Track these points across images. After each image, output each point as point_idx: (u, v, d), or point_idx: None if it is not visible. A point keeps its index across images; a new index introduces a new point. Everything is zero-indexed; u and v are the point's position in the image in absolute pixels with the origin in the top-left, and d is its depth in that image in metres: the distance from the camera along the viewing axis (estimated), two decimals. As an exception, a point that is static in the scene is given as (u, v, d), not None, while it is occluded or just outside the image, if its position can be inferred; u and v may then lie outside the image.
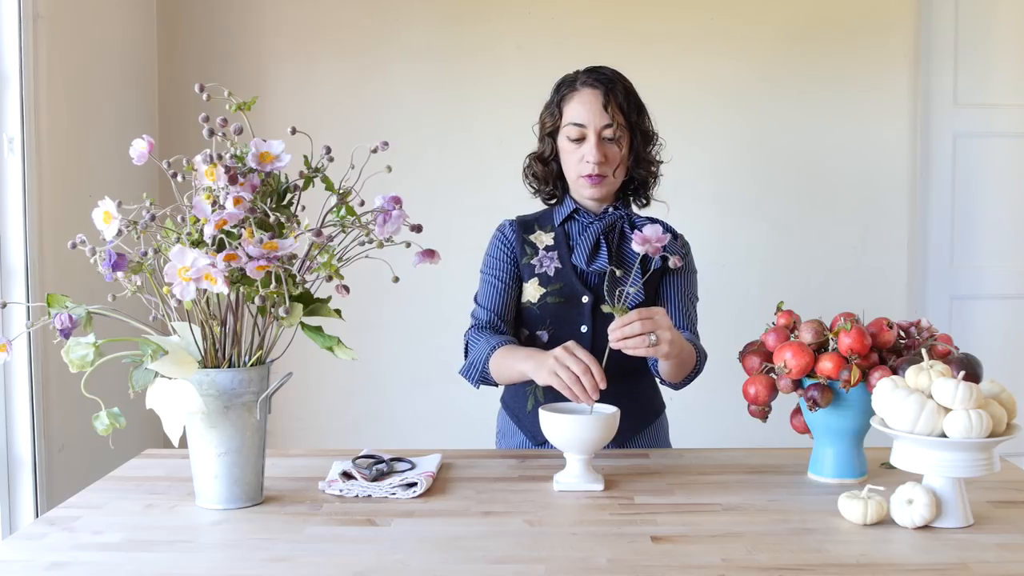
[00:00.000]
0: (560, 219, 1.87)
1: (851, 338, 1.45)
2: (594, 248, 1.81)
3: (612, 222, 1.84)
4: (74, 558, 1.21)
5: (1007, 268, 3.27)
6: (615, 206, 1.86)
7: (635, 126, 1.81)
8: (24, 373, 2.34)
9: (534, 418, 1.83)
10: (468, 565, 1.18)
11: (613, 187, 1.83)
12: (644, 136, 1.84)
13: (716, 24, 3.21)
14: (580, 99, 1.79)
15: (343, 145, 1.36)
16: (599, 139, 1.78)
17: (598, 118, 1.77)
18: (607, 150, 1.79)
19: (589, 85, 1.80)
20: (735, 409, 1.76)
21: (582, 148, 1.79)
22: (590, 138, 1.78)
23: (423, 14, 3.20)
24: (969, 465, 1.28)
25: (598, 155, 1.77)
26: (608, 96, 1.78)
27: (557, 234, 1.86)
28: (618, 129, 1.78)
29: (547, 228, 1.88)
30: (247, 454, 1.39)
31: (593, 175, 1.78)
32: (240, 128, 1.33)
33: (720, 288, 3.07)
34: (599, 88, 1.79)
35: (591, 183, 1.79)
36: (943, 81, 3.21)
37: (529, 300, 1.83)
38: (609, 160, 1.79)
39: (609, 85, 1.79)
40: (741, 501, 1.43)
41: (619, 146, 1.80)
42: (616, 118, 1.78)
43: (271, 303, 1.32)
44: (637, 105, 1.82)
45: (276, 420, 3.11)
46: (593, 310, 1.80)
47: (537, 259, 1.84)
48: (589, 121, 1.78)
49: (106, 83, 2.80)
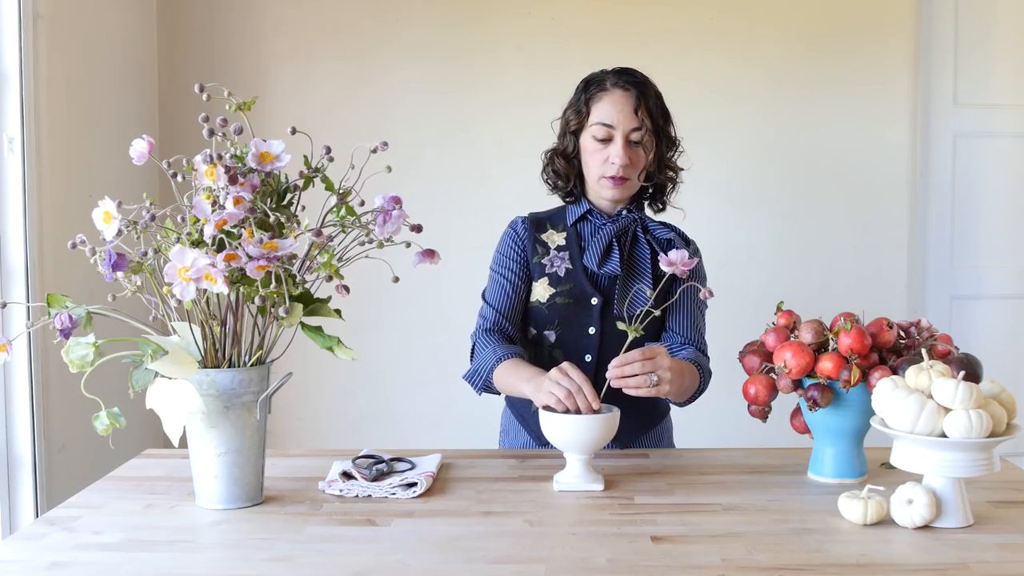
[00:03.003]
0: (573, 219, 1.86)
1: (851, 338, 1.45)
2: (606, 250, 1.80)
3: (625, 225, 1.83)
4: (74, 558, 1.21)
5: (1007, 268, 3.27)
6: (629, 209, 1.85)
7: (661, 131, 1.81)
8: (24, 373, 2.33)
9: (538, 418, 1.83)
10: (468, 565, 1.18)
11: (633, 190, 1.82)
12: (669, 142, 1.84)
13: (716, 24, 3.21)
14: (611, 100, 1.78)
15: (343, 145, 1.36)
16: (626, 141, 1.77)
17: (628, 120, 1.77)
18: (633, 153, 1.78)
19: (621, 87, 1.79)
20: (735, 409, 1.76)
21: (608, 149, 1.78)
22: (617, 140, 1.77)
23: (423, 14, 3.20)
24: (969, 465, 1.28)
25: (624, 157, 1.76)
26: (640, 100, 1.77)
27: (569, 234, 1.85)
28: (646, 133, 1.78)
29: (559, 227, 1.87)
30: (247, 454, 1.39)
31: (616, 176, 1.77)
32: (240, 128, 1.33)
33: (720, 288, 3.06)
34: (632, 91, 1.78)
35: (613, 184, 1.78)
36: (943, 81, 3.20)
37: (538, 299, 1.83)
38: (634, 163, 1.78)
39: (641, 88, 1.79)
40: (741, 501, 1.43)
41: (644, 150, 1.79)
42: (645, 122, 1.77)
43: (271, 303, 1.32)
44: (664, 111, 1.82)
45: (276, 420, 3.11)
46: (602, 312, 1.80)
47: (548, 258, 1.83)
48: (618, 123, 1.77)
49: (106, 83, 2.80)
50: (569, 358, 1.73)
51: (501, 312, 1.83)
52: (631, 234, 1.84)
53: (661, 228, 1.85)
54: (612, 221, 1.84)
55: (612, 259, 1.80)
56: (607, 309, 1.79)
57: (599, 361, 1.78)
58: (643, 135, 1.77)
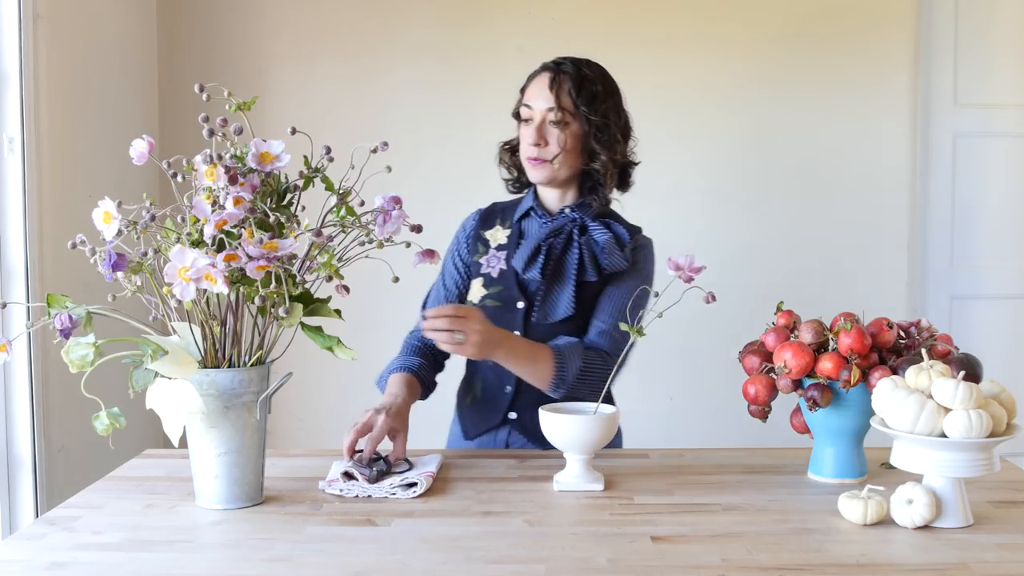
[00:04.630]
0: (519, 215, 1.85)
1: (851, 338, 1.45)
2: (533, 253, 1.76)
3: (560, 226, 1.78)
4: (74, 558, 1.21)
5: (1007, 268, 3.27)
6: (572, 207, 1.80)
7: (586, 115, 1.75)
8: (24, 373, 2.33)
9: (470, 413, 1.85)
10: (468, 565, 1.18)
11: (555, 174, 1.76)
12: (599, 128, 1.75)
13: (716, 24, 3.21)
14: (536, 82, 1.78)
15: (343, 146, 1.36)
16: (542, 122, 1.75)
17: (544, 101, 1.75)
18: (549, 134, 1.75)
19: (547, 69, 1.78)
20: (735, 409, 1.76)
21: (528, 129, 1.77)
22: (534, 120, 1.76)
23: (424, 15, 3.20)
24: (969, 465, 1.28)
25: (535, 136, 1.74)
26: (555, 80, 1.75)
27: (513, 231, 1.84)
28: (564, 115, 1.74)
29: (507, 223, 1.86)
30: (247, 454, 1.39)
31: (532, 158, 1.76)
32: (240, 128, 1.33)
33: (720, 288, 3.06)
34: (549, 72, 1.77)
35: (532, 166, 1.76)
36: (943, 81, 3.20)
37: (471, 299, 1.81)
38: (549, 144, 1.75)
39: (559, 69, 1.76)
40: (741, 501, 1.43)
41: (565, 133, 1.75)
42: (561, 102, 1.74)
43: (271, 303, 1.32)
44: (592, 94, 1.75)
45: (276, 420, 3.11)
46: (525, 317, 1.77)
47: (486, 257, 1.82)
48: (535, 103, 1.76)
49: (106, 83, 2.80)
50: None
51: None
52: (566, 235, 1.79)
53: (600, 229, 1.77)
54: (553, 220, 1.81)
55: (537, 263, 1.75)
56: (530, 314, 1.77)
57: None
58: (560, 115, 1.74)
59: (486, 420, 1.81)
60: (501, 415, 1.79)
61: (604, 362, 1.70)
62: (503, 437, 1.80)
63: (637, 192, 1.85)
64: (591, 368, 1.69)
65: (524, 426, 1.77)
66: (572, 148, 1.76)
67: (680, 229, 3.23)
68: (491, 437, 1.81)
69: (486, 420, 1.81)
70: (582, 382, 1.68)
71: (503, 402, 1.79)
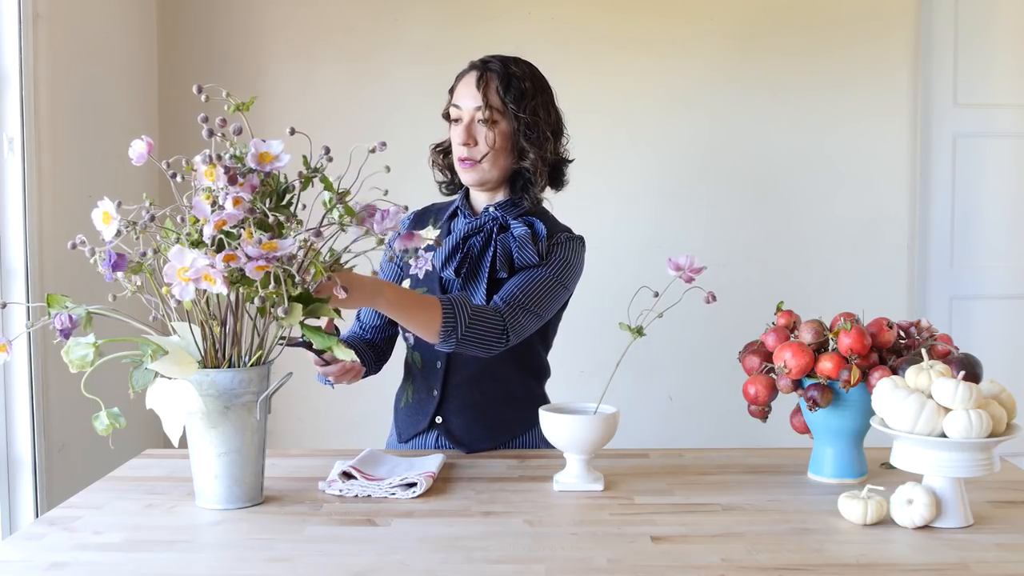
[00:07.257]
0: (446, 215, 1.84)
1: (851, 338, 1.45)
2: (452, 252, 1.75)
3: (480, 225, 1.77)
4: (74, 558, 1.21)
5: (1007, 268, 3.27)
6: (497, 206, 1.78)
7: (515, 113, 1.73)
8: (24, 373, 2.33)
9: (403, 416, 1.86)
10: (468, 565, 1.18)
11: (486, 175, 1.75)
12: (528, 126, 1.73)
13: (716, 25, 3.21)
14: (463, 82, 1.77)
15: (343, 146, 1.36)
16: (471, 121, 1.73)
17: (471, 100, 1.73)
18: (477, 132, 1.73)
19: (472, 68, 1.77)
20: (735, 409, 1.76)
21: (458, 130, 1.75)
22: (463, 120, 1.74)
23: (423, 15, 3.20)
24: (969, 465, 1.28)
25: (464, 136, 1.73)
26: (481, 78, 1.73)
27: (442, 232, 1.82)
28: (493, 113, 1.72)
29: (438, 224, 1.85)
30: (247, 454, 1.39)
31: (462, 158, 1.74)
32: (239, 128, 1.33)
33: (720, 288, 3.06)
34: (476, 70, 1.75)
35: (463, 168, 1.75)
36: (943, 80, 3.20)
37: None
38: (479, 144, 1.73)
39: (486, 67, 1.74)
40: (741, 501, 1.43)
41: (494, 132, 1.73)
42: (489, 100, 1.72)
43: (270, 303, 1.31)
44: (520, 91, 1.73)
45: (276, 420, 3.11)
46: None
47: (413, 260, 1.80)
48: (463, 103, 1.74)
49: (106, 83, 2.80)
50: (426, 360, 1.79)
51: (362, 322, 1.90)
52: (486, 234, 1.76)
53: (519, 225, 1.75)
54: (476, 219, 1.80)
55: (453, 262, 1.75)
56: None
57: (448, 366, 1.77)
58: (488, 114, 1.72)
59: (416, 424, 1.83)
60: (428, 419, 1.80)
61: (497, 317, 1.63)
62: (431, 440, 1.82)
63: (639, 192, 1.85)
64: (480, 319, 1.61)
65: (449, 430, 1.78)
66: (501, 147, 1.74)
67: (680, 229, 3.24)
68: (421, 440, 1.84)
69: (416, 424, 1.83)
70: (472, 333, 1.60)
71: (430, 407, 1.80)
